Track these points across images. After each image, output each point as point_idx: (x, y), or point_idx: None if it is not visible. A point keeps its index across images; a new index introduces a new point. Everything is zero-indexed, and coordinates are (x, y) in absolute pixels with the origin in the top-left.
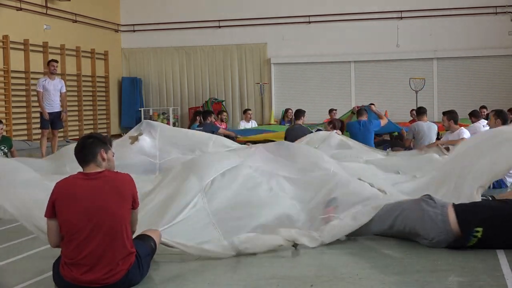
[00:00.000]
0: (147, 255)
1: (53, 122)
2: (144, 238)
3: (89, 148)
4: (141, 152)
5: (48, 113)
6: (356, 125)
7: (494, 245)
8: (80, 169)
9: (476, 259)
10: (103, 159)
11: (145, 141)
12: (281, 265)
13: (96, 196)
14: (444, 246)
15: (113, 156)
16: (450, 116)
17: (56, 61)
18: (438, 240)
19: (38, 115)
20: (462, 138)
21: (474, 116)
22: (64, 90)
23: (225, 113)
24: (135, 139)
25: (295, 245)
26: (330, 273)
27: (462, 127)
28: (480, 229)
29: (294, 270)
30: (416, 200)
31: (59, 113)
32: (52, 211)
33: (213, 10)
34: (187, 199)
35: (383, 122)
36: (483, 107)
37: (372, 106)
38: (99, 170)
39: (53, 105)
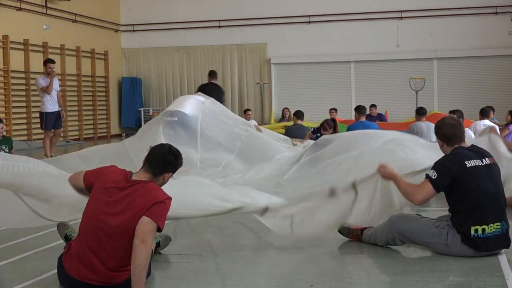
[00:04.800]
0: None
1: (55, 121)
2: None
3: (166, 164)
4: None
5: (51, 112)
6: (359, 125)
7: None
8: None
9: (476, 259)
10: (163, 179)
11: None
12: (281, 265)
13: (119, 200)
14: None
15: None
16: None
17: (54, 62)
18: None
19: (39, 115)
20: None
21: (481, 113)
22: (59, 88)
23: None
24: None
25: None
26: (330, 273)
27: None
28: None
29: (294, 270)
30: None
31: (59, 112)
32: (90, 180)
33: (213, 10)
34: None
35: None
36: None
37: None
38: (144, 179)
39: (54, 104)
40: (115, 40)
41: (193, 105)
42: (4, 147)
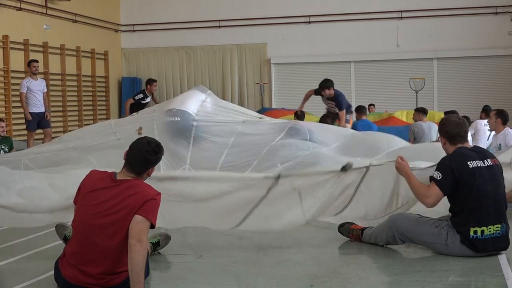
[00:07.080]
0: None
1: (40, 122)
2: None
3: (147, 163)
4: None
5: (35, 113)
6: (361, 124)
7: None
8: None
9: (476, 259)
10: (147, 175)
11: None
12: (281, 265)
13: (108, 200)
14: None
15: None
16: (500, 115)
17: (37, 61)
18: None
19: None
20: None
21: (484, 112)
22: (45, 89)
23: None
24: (140, 129)
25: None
26: (330, 273)
27: (508, 128)
28: None
29: (294, 270)
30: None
31: (44, 113)
32: (77, 197)
33: (213, 10)
34: None
35: None
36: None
37: None
38: (129, 178)
39: (39, 105)
40: (115, 40)
41: (196, 102)
42: (3, 147)
